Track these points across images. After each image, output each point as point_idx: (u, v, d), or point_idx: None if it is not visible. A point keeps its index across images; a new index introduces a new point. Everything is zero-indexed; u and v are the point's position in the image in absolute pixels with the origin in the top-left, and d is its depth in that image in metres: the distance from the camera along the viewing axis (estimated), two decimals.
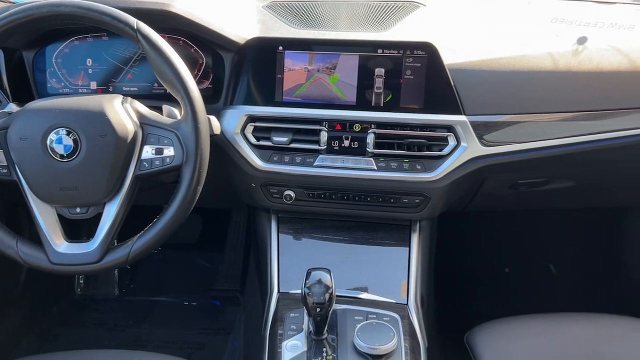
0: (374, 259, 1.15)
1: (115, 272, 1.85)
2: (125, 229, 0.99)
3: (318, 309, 0.91)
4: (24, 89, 1.20)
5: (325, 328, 0.95)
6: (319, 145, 1.11)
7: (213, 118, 1.01)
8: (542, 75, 1.12)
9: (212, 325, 1.70)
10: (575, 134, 1.10)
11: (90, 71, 1.22)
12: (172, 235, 0.94)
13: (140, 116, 0.96)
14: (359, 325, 0.95)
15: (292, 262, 1.14)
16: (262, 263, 1.20)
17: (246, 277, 1.77)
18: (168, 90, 0.97)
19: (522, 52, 1.14)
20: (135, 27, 0.92)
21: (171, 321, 1.72)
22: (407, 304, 1.07)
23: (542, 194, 1.30)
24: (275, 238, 1.19)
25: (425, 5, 1.29)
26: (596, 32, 1.20)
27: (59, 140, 0.92)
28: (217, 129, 1.03)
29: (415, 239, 1.17)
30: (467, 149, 1.08)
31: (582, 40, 1.18)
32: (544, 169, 1.19)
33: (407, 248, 1.16)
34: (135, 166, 0.95)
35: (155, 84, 1.20)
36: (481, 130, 1.08)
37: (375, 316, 0.99)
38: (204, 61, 1.18)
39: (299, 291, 0.93)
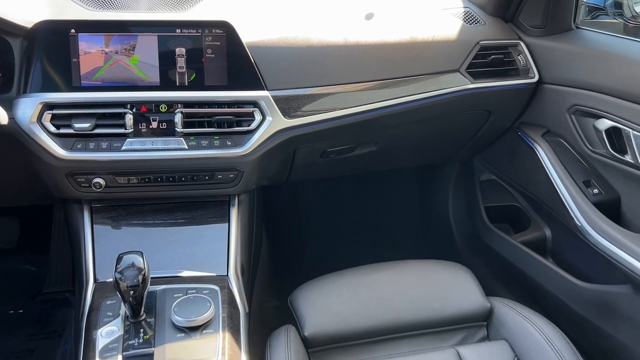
0: (194, 236, 1.17)
1: None
2: None
3: (132, 292, 0.91)
4: None
5: (142, 310, 0.95)
6: (125, 129, 1.09)
7: None
8: (335, 50, 1.22)
9: (42, 331, 1.59)
10: (368, 102, 1.22)
11: None
12: None
13: None
14: (176, 302, 0.97)
15: (108, 250, 1.11)
16: (76, 255, 1.16)
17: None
18: None
19: (316, 29, 1.22)
20: None
21: None
22: (227, 275, 1.11)
23: (351, 159, 1.42)
24: (88, 228, 1.14)
25: None
26: (381, 10, 1.33)
27: None
28: (3, 119, 0.96)
29: (234, 213, 1.21)
30: (272, 123, 1.14)
31: (369, 16, 1.30)
32: (345, 136, 1.30)
33: (227, 223, 1.20)
34: None
35: None
36: (283, 104, 1.15)
37: (194, 291, 1.02)
38: None
39: None
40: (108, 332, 0.93)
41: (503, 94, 1.36)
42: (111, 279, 1.06)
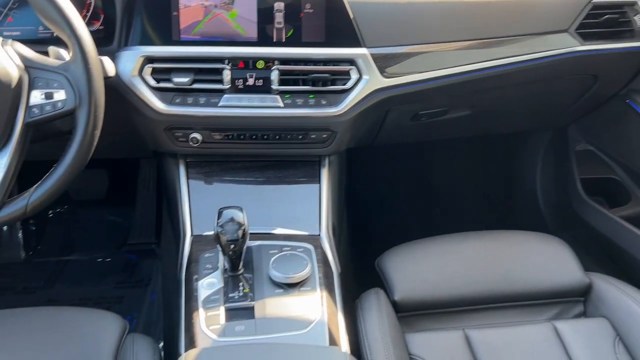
0: (286, 195, 1.17)
1: (20, 233, 1.74)
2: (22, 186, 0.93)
3: (232, 246, 0.92)
4: None
5: (241, 264, 0.97)
6: (223, 85, 1.09)
7: (106, 59, 0.95)
8: (437, 6, 1.16)
9: (129, 279, 1.67)
10: (469, 62, 1.16)
11: None
12: (80, 190, 0.89)
13: (24, 59, 0.89)
14: (273, 258, 0.98)
15: (204, 204, 1.13)
16: (173, 209, 1.18)
17: (161, 229, 1.74)
18: (54, 32, 0.91)
19: None
20: None
21: (85, 279, 1.67)
22: (319, 235, 1.11)
23: (442, 123, 1.37)
24: (184, 182, 1.17)
25: None
26: None
27: None
28: (111, 71, 0.97)
29: (325, 174, 1.20)
30: (369, 82, 1.10)
31: None
32: (441, 98, 1.25)
33: (318, 183, 1.19)
34: (25, 113, 0.88)
35: (41, 27, 1.11)
36: (381, 63, 1.11)
37: (289, 248, 1.02)
38: (92, 0, 1.10)
39: (212, 232, 0.93)
40: (209, 284, 0.96)
41: (614, 58, 1.26)
42: (207, 233, 1.09)
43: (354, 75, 1.10)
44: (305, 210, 1.14)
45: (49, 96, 0.89)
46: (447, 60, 1.16)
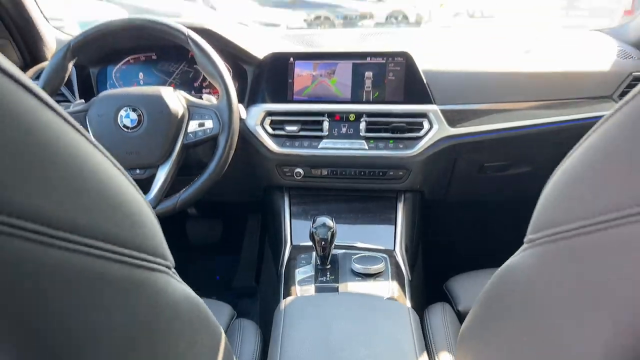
0: (367, 220, 1.42)
1: None
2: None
3: (323, 243, 1.17)
4: (90, 96, 1.53)
5: (328, 260, 1.21)
6: (322, 132, 1.42)
7: (241, 106, 1.32)
8: (495, 75, 1.44)
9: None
10: (523, 119, 1.41)
11: (141, 83, 1.55)
12: (198, 236, 1.13)
13: (187, 100, 1.28)
14: (355, 257, 1.21)
15: (301, 224, 1.41)
16: (276, 229, 1.46)
17: (260, 275, 2.01)
18: (209, 80, 1.29)
19: (479, 59, 1.47)
20: (186, 34, 1.25)
21: None
22: (393, 249, 1.33)
23: (506, 179, 1.58)
24: (287, 207, 1.46)
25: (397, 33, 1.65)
26: (536, 46, 1.54)
27: (127, 116, 1.22)
28: (243, 114, 1.34)
29: (400, 205, 1.44)
30: (438, 130, 1.38)
31: (527, 51, 1.51)
32: (504, 150, 1.48)
33: (394, 213, 1.43)
34: (183, 136, 1.25)
35: (195, 83, 1.53)
36: (449, 116, 1.39)
37: (368, 254, 1.25)
38: (231, 73, 1.51)
39: (308, 242, 1.20)
40: (303, 272, 1.20)
41: None
42: (303, 243, 1.35)
43: (426, 125, 1.38)
44: (383, 232, 1.38)
45: (201, 125, 1.25)
46: (505, 117, 1.41)
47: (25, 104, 0.32)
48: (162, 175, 1.24)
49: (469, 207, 1.82)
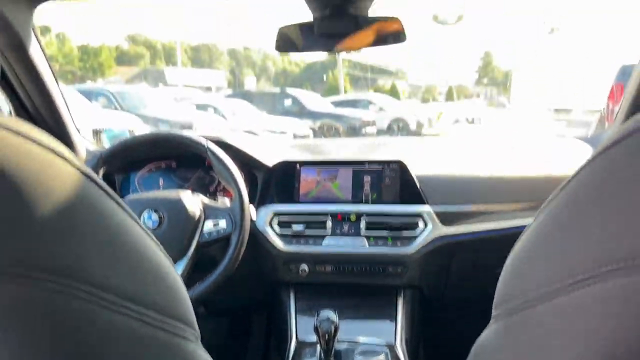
0: (368, 315, 1.49)
1: None
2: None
3: (326, 336, 1.25)
4: None
5: (332, 354, 1.27)
6: (326, 231, 1.54)
7: (251, 206, 1.46)
8: (483, 181, 1.58)
9: None
10: (511, 219, 1.53)
11: (161, 188, 1.70)
12: (203, 335, 1.24)
13: (204, 203, 1.42)
14: (357, 350, 1.28)
15: (306, 319, 1.48)
16: (282, 324, 1.53)
17: None
18: (223, 185, 1.44)
19: (467, 165, 1.62)
20: (206, 146, 1.42)
21: None
22: (394, 344, 1.39)
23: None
24: (293, 303, 1.54)
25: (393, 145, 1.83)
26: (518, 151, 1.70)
27: (149, 217, 1.36)
28: (254, 215, 1.47)
29: (400, 301, 1.52)
30: (432, 229, 1.50)
31: (510, 154, 1.67)
32: (496, 248, 1.58)
33: (394, 309, 1.51)
34: (199, 236, 1.37)
35: (207, 195, 1.68)
36: (442, 216, 1.51)
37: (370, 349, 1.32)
38: (243, 177, 1.67)
39: (313, 339, 1.27)
40: None
41: None
42: (309, 339, 1.42)
43: (421, 225, 1.50)
44: (383, 326, 1.45)
45: (215, 224, 1.38)
46: (495, 218, 1.53)
47: (101, 201, 0.44)
48: (178, 272, 1.35)
49: (469, 303, 1.89)
